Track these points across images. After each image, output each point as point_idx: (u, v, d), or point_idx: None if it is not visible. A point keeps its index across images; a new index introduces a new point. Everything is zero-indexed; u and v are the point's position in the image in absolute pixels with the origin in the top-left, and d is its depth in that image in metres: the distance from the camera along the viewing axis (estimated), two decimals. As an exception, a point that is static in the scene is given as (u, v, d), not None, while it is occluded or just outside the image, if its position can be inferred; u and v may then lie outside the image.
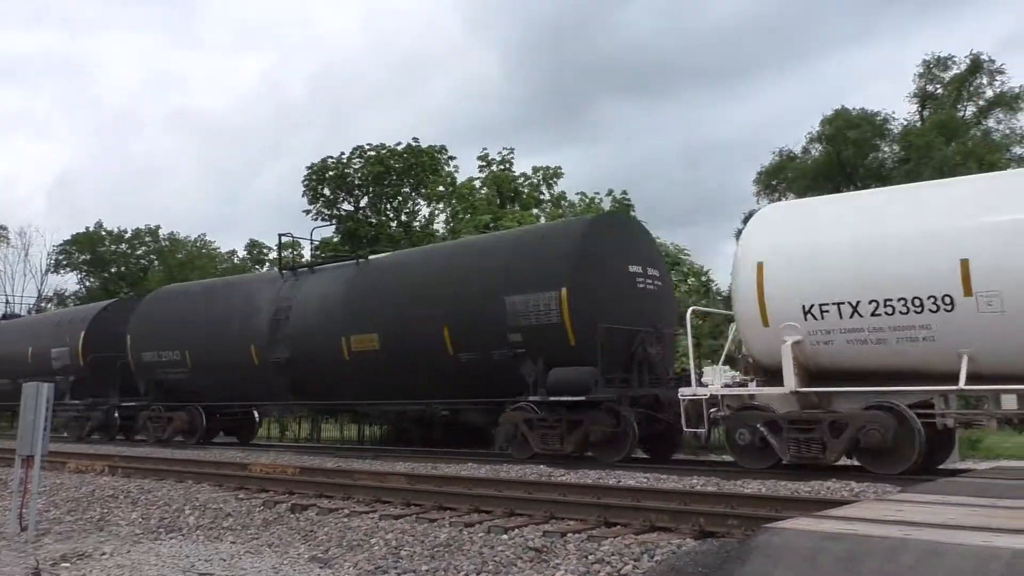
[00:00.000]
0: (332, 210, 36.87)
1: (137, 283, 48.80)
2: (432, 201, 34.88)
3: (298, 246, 38.61)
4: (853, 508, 6.29)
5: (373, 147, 35.82)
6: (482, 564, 6.48)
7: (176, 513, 9.52)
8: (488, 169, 31.44)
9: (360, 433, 24.32)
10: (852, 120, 35.07)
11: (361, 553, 7.14)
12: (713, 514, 7.27)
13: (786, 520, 5.62)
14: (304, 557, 7.25)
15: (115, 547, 7.94)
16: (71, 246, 51.46)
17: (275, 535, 8.17)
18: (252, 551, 7.63)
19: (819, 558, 4.43)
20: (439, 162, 35.97)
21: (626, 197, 29.90)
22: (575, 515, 7.86)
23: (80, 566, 7.06)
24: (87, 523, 9.49)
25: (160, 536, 8.61)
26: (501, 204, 29.92)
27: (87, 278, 52.18)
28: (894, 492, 8.15)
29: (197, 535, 8.53)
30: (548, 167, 31.83)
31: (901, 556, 4.28)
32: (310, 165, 36.28)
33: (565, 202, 31.29)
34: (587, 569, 6.11)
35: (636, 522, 7.41)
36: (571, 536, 7.03)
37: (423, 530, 7.66)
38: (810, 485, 9.35)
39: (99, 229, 51.87)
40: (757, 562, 4.58)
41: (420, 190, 36.19)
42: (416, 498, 9.17)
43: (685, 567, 5.57)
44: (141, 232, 52.57)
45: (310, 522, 8.48)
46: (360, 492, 9.75)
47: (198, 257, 51.24)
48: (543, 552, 6.67)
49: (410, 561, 6.78)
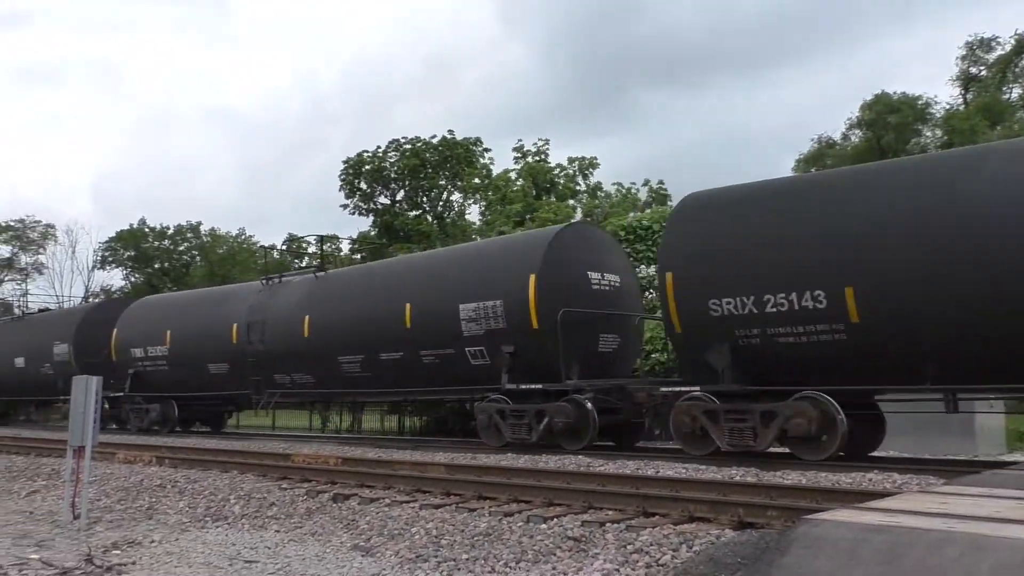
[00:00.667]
0: (368, 204, 37.16)
1: (180, 279, 49.71)
2: (467, 193, 34.99)
3: (336, 239, 38.75)
4: (895, 500, 6.23)
5: (409, 140, 36.02)
6: (521, 553, 6.55)
7: (222, 502, 9.72)
8: (523, 160, 31.45)
9: (400, 424, 24.55)
10: (893, 104, 34.50)
11: (402, 542, 7.25)
12: (752, 505, 7.25)
13: (827, 511, 5.59)
14: (346, 545, 7.37)
15: (163, 535, 8.14)
16: (116, 243, 52.50)
17: (318, 524, 8.31)
18: (296, 539, 7.78)
19: (860, 550, 4.41)
20: (474, 154, 36.07)
21: (663, 187, 29.77)
22: (614, 505, 7.88)
23: (130, 553, 7.26)
24: (136, 512, 9.74)
25: (206, 524, 8.81)
26: (537, 195, 29.93)
27: (132, 274, 53.21)
28: (938, 484, 8.03)
29: (242, 524, 8.71)
30: (584, 157, 31.80)
31: (945, 549, 4.23)
32: (346, 159, 36.62)
33: (601, 192, 31.22)
34: (625, 558, 6.14)
35: (675, 512, 7.42)
36: (610, 526, 7.07)
37: (463, 519, 7.74)
38: (851, 476, 9.26)
39: (142, 226, 52.88)
40: (796, 553, 4.56)
41: (456, 182, 36.32)
42: (456, 488, 9.25)
43: (724, 557, 5.57)
44: (183, 228, 53.50)
45: (352, 511, 8.61)
46: (400, 482, 9.87)
47: (239, 252, 52.00)
48: (582, 541, 6.72)
49: (450, 550, 6.87)
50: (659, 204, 28.68)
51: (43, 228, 54.48)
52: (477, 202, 33.94)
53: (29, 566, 6.66)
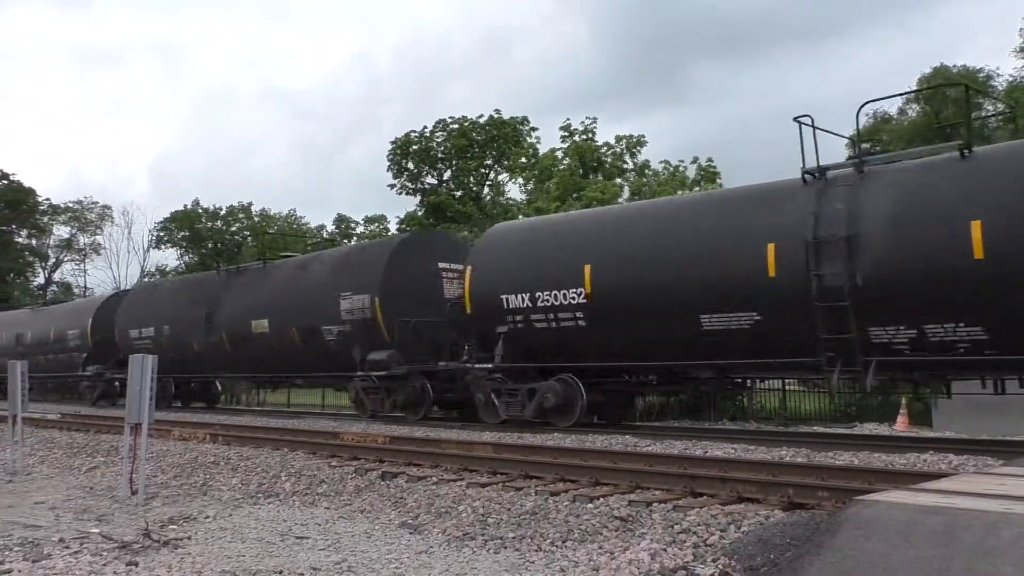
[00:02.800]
0: (416, 184, 37.31)
1: (232, 259, 50.54)
2: (513, 173, 34.90)
3: (384, 220, 38.99)
4: (951, 481, 6.09)
5: (456, 120, 36.02)
6: (568, 532, 6.55)
7: (273, 479, 9.90)
8: (570, 140, 31.22)
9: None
10: (952, 78, 33.39)
11: (449, 520, 7.30)
12: (803, 485, 7.15)
13: (879, 492, 5.49)
14: (395, 523, 7.46)
15: (217, 511, 8.33)
16: (170, 223, 53.61)
17: (367, 501, 8.41)
18: (345, 516, 7.89)
19: (914, 532, 4.32)
20: (521, 133, 35.93)
21: (711, 164, 29.29)
22: (661, 485, 7.84)
23: (186, 528, 7.44)
24: (191, 488, 9.97)
25: (259, 501, 8.98)
26: (584, 174, 29.71)
27: (186, 254, 54.31)
28: (996, 465, 7.85)
29: (293, 500, 8.87)
30: (631, 136, 31.43)
31: (1001, 531, 4.13)
32: (394, 140, 36.76)
33: (649, 171, 30.86)
34: (673, 538, 6.10)
35: (723, 493, 7.35)
36: (656, 506, 7.03)
37: (509, 498, 7.77)
38: (906, 457, 9.09)
39: (196, 207, 53.89)
40: (848, 535, 4.49)
41: (502, 162, 36.26)
42: (502, 467, 9.29)
43: (773, 538, 5.50)
44: (235, 209, 54.36)
45: (400, 489, 8.70)
46: (447, 461, 9.94)
47: (289, 233, 52.72)
48: (628, 521, 6.70)
49: (497, 528, 6.90)
50: (708, 182, 28.23)
51: (100, 209, 55.98)
52: (523, 183, 33.80)
53: (90, 540, 6.86)
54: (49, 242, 56.60)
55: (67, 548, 6.50)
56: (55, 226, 56.19)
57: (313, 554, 6.34)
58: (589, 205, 25.67)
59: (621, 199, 28.19)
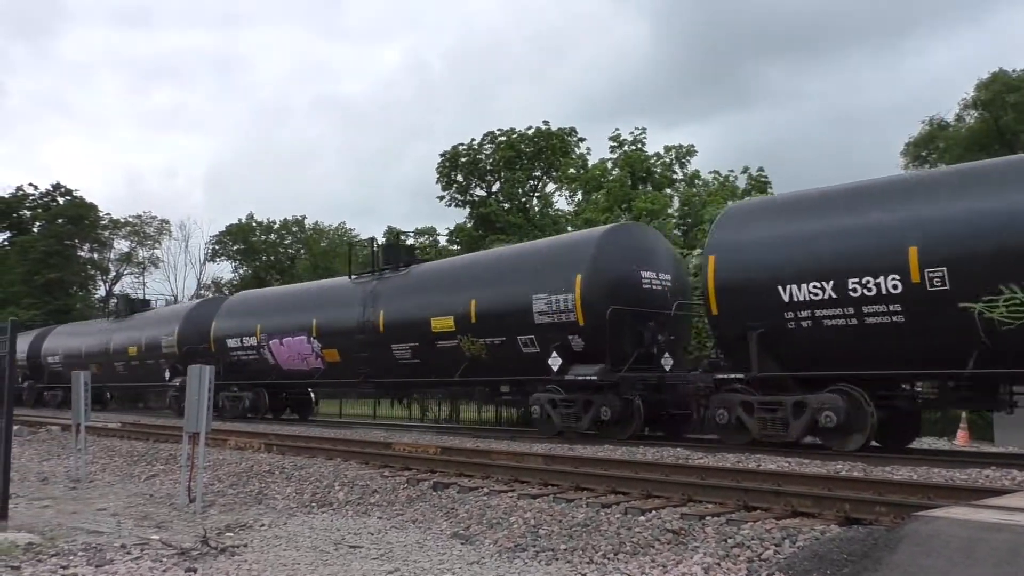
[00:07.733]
0: (465, 196, 37.54)
1: (285, 271, 51.47)
2: (562, 184, 34.91)
3: (434, 232, 39.30)
4: (1015, 497, 5.93)
5: (504, 132, 36.21)
6: (619, 544, 6.53)
7: (327, 489, 10.03)
8: (620, 150, 31.14)
9: (497, 415, 24.77)
10: (1011, 83, 32.50)
11: (501, 531, 7.33)
12: (859, 500, 7.01)
13: (940, 508, 5.38)
14: (446, 533, 7.51)
15: (272, 519, 8.47)
16: (225, 236, 54.75)
17: (419, 511, 8.48)
18: (397, 526, 7.96)
19: (976, 549, 4.22)
20: (569, 144, 35.95)
21: (763, 174, 28.97)
22: (713, 498, 7.76)
23: (242, 535, 7.58)
24: (247, 496, 10.16)
25: (313, 510, 9.12)
26: (633, 185, 29.60)
27: (240, 267, 55.40)
28: (1062, 481, 7.62)
29: (346, 510, 8.98)
30: (681, 145, 31.25)
31: (1069, 549, 4.02)
32: (443, 152, 37.05)
33: (699, 181, 30.62)
34: (726, 552, 6.04)
35: (777, 507, 7.25)
36: (709, 519, 6.96)
37: (560, 510, 7.76)
38: (966, 473, 8.86)
39: (250, 220, 54.97)
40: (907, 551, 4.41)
41: (551, 173, 36.31)
42: (553, 478, 9.29)
43: (829, 553, 5.42)
44: (288, 223, 55.33)
45: (451, 500, 8.75)
46: (499, 472, 9.97)
47: (340, 245, 53.48)
48: (681, 534, 6.65)
49: (548, 539, 6.91)
50: (758, 192, 27.88)
51: (159, 223, 57.40)
52: (572, 194, 33.79)
53: (150, 546, 7.04)
54: (110, 255, 58.22)
55: (128, 554, 6.68)
56: (116, 240, 57.81)
57: (366, 563, 6.42)
58: (638, 216, 25.55)
59: (671, 210, 28.01)
